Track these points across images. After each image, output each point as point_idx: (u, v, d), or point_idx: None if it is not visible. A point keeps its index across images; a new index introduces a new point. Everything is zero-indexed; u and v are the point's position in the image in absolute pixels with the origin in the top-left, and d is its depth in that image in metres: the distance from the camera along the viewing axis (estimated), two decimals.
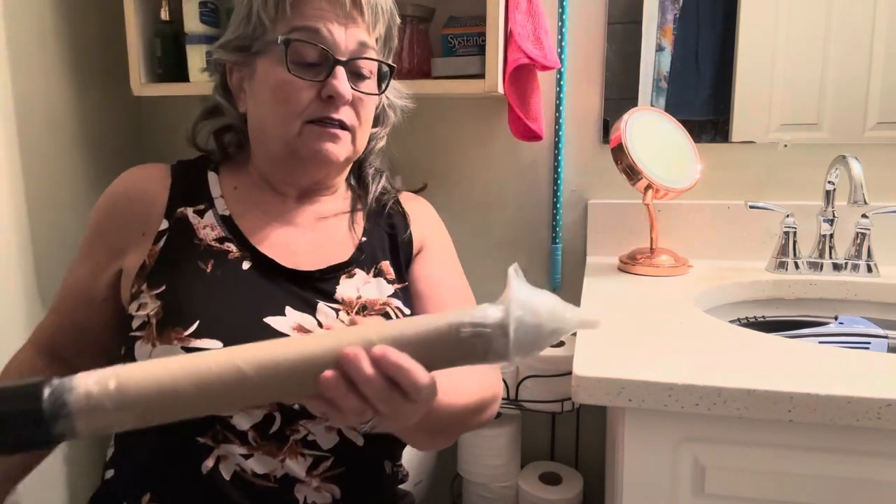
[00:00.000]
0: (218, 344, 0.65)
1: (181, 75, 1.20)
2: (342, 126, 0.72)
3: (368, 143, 0.82)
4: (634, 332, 0.79)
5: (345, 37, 0.71)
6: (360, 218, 0.81)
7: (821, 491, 0.64)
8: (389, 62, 0.77)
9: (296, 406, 0.67)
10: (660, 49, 1.17)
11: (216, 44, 0.77)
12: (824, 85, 1.12)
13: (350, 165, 0.82)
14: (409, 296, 0.80)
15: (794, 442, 0.63)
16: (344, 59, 0.71)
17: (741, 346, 0.73)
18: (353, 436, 0.70)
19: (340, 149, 0.73)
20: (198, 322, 0.66)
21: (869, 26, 1.09)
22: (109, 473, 0.72)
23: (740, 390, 0.61)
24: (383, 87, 0.77)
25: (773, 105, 1.14)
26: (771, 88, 1.14)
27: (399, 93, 0.85)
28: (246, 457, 0.66)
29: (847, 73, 1.11)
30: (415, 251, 0.83)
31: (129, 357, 0.68)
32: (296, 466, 0.67)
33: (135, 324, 0.69)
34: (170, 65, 1.21)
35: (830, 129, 1.13)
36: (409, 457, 0.94)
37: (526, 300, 0.46)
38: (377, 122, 0.83)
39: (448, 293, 0.82)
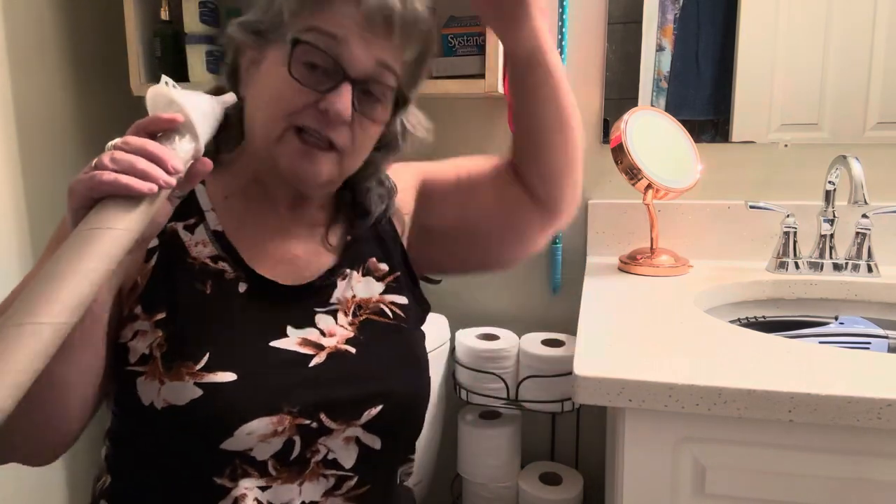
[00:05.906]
0: (232, 376, 0.62)
1: (181, 75, 1.20)
2: (330, 146, 0.65)
3: (366, 167, 0.75)
4: (634, 332, 0.79)
5: (365, 53, 0.63)
6: (343, 218, 0.77)
7: (821, 491, 0.64)
8: (406, 93, 0.68)
9: (313, 424, 0.64)
10: (660, 49, 1.17)
11: (236, 20, 0.70)
12: (824, 85, 1.12)
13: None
14: (406, 283, 0.77)
15: (794, 442, 0.63)
16: (356, 77, 0.63)
17: (741, 346, 0.73)
18: (369, 440, 0.68)
19: (320, 168, 0.66)
20: (208, 354, 0.62)
21: (869, 27, 1.09)
22: None
23: (740, 390, 0.61)
24: (393, 115, 0.70)
25: (773, 105, 1.14)
26: (771, 88, 1.14)
27: (421, 125, 0.77)
28: (263, 489, 0.63)
29: (847, 73, 1.11)
30: (399, 229, 0.79)
31: (128, 395, 0.62)
32: (315, 490, 0.66)
33: (132, 357, 0.62)
34: (170, 65, 1.21)
35: (830, 129, 1.13)
36: None
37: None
38: (385, 148, 0.75)
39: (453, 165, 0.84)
